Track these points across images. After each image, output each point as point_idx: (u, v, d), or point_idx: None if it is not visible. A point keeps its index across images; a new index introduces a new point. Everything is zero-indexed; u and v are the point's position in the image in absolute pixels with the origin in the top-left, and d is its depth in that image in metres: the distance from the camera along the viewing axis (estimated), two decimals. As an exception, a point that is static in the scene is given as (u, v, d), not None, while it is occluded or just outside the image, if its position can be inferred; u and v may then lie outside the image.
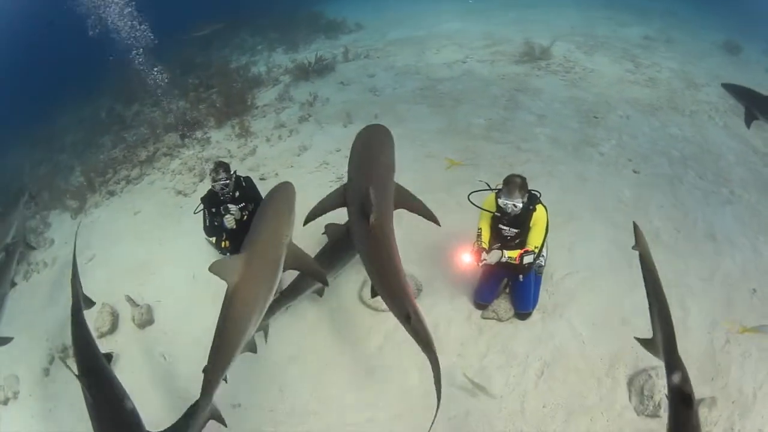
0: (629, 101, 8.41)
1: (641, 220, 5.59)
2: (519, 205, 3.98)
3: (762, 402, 3.94)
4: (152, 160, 8.60)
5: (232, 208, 5.08)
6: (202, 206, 5.26)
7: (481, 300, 4.70)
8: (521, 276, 4.41)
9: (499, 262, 4.11)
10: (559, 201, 5.57)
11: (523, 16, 12.99)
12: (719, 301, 4.73)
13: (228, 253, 5.39)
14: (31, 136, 12.42)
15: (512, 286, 4.64)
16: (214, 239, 5.44)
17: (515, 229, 4.18)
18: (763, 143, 7.25)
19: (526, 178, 4.08)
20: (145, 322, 5.47)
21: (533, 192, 4.14)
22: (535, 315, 4.66)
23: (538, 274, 4.64)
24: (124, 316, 5.62)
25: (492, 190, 4.21)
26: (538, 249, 4.12)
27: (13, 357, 5.83)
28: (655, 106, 8.35)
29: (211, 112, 9.46)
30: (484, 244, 4.21)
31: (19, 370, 5.62)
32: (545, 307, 4.72)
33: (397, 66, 10.40)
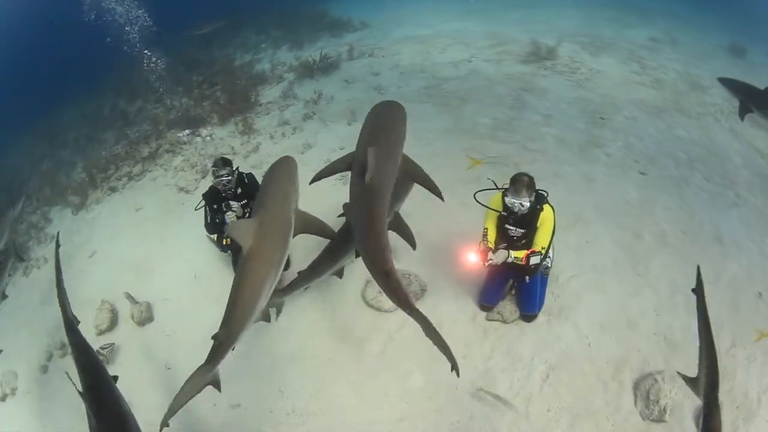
0: (635, 102, 8.37)
1: (648, 222, 5.65)
2: (526, 204, 3.92)
3: (767, 406, 3.91)
4: (154, 157, 8.57)
5: (234, 204, 5.01)
6: (203, 203, 5.19)
7: (486, 301, 4.64)
8: (527, 277, 4.34)
9: (505, 262, 4.05)
10: (566, 202, 5.51)
11: (527, 16, 12.92)
12: (725, 304, 4.68)
13: (229, 251, 5.34)
14: (34, 133, 12.42)
15: (518, 288, 4.58)
16: (215, 237, 5.37)
17: (522, 229, 4.12)
18: (768, 147, 7.23)
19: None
20: (145, 319, 5.42)
21: (540, 191, 4.08)
22: (541, 317, 4.60)
23: (544, 276, 4.57)
24: (124, 313, 5.58)
25: (498, 189, 4.15)
26: (545, 250, 4.05)
27: (12, 353, 5.81)
28: (661, 107, 8.32)
29: (215, 109, 9.42)
30: (490, 244, 4.14)
31: (18, 366, 5.60)
32: (551, 309, 4.66)
33: (403, 65, 10.34)
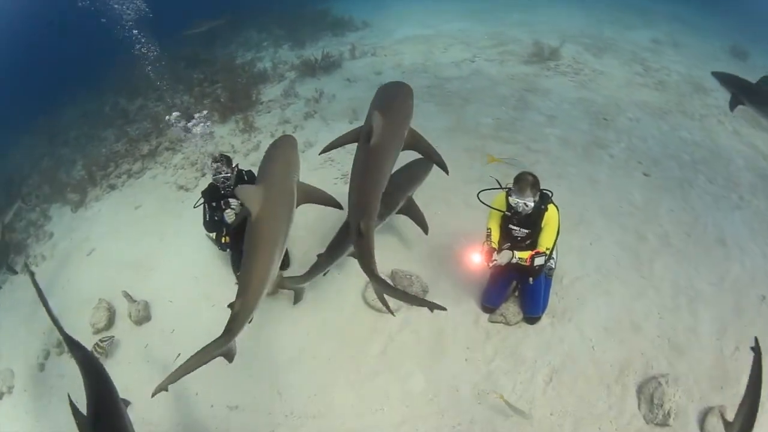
0: (639, 104, 8.32)
1: (651, 224, 5.61)
2: (530, 204, 3.86)
3: (770, 411, 3.84)
4: (154, 154, 8.52)
5: (233, 202, 4.95)
6: (202, 200, 5.13)
7: (489, 303, 4.58)
8: (531, 278, 4.28)
9: (509, 263, 3.99)
10: (569, 203, 5.47)
11: (529, 17, 12.86)
12: (729, 307, 4.65)
13: (228, 250, 5.29)
14: (34, 132, 12.34)
15: (522, 289, 4.52)
16: (214, 235, 5.32)
17: (526, 230, 4.07)
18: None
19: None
20: (142, 318, 5.36)
21: (545, 191, 4.02)
22: (545, 319, 4.54)
23: (548, 277, 4.51)
24: (121, 312, 5.52)
25: (502, 188, 4.09)
26: (549, 250, 3.99)
27: (9, 351, 5.78)
28: (664, 109, 8.27)
29: (216, 107, 9.36)
30: (494, 244, 4.08)
31: (15, 364, 5.57)
32: (554, 311, 4.60)
33: (405, 64, 10.28)
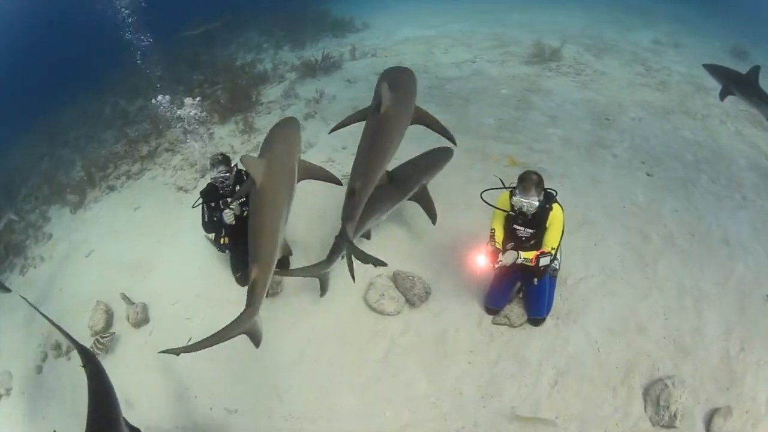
0: (641, 104, 8.29)
1: (655, 224, 5.57)
2: (535, 203, 3.81)
3: (776, 410, 3.82)
4: (153, 156, 8.47)
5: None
6: (200, 200, 5.07)
7: (493, 305, 4.52)
8: (536, 279, 4.22)
9: (514, 264, 3.92)
10: (572, 203, 5.42)
11: (529, 18, 12.90)
12: (734, 307, 4.62)
13: (227, 251, 5.23)
14: (34, 133, 12.33)
15: (526, 291, 4.46)
16: (212, 236, 5.26)
17: (531, 230, 4.01)
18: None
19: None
20: (141, 321, 5.29)
21: (549, 190, 3.97)
22: (549, 321, 4.48)
23: (553, 278, 4.44)
24: (119, 314, 5.45)
25: (506, 188, 4.04)
26: (554, 250, 3.93)
27: (7, 353, 5.73)
28: (666, 109, 8.24)
29: (216, 108, 9.31)
30: (498, 245, 4.03)
31: (12, 367, 5.52)
32: (559, 313, 4.55)
33: (405, 64, 10.17)
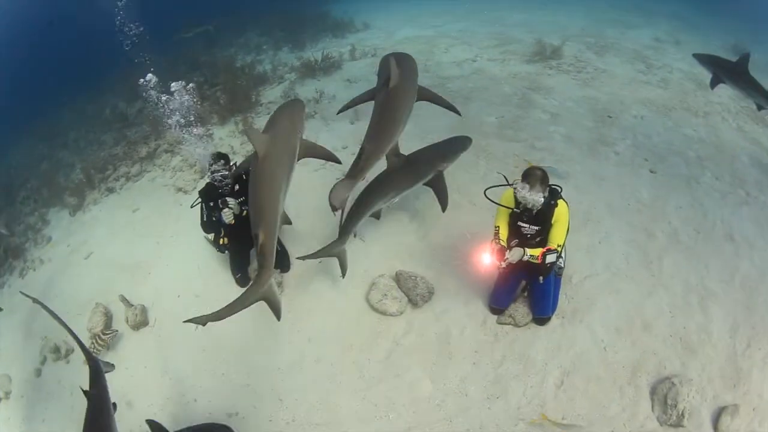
0: (642, 101, 8.25)
1: (660, 221, 5.52)
2: (540, 200, 3.75)
3: (783, 408, 3.77)
4: (153, 157, 8.41)
5: (231, 201, 4.78)
6: (199, 200, 4.99)
7: (497, 304, 4.46)
8: (541, 277, 4.16)
9: (519, 262, 3.86)
10: (576, 201, 5.37)
11: (529, 17, 12.91)
12: (740, 304, 4.57)
13: (227, 252, 5.17)
14: (34, 134, 12.27)
15: (531, 289, 4.40)
16: (212, 236, 5.20)
17: (536, 227, 3.94)
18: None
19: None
20: (140, 323, 5.23)
21: (554, 186, 3.92)
22: (554, 320, 4.42)
23: (558, 276, 4.39)
24: (118, 316, 5.40)
25: (510, 185, 3.97)
26: (561, 247, 3.88)
27: (7, 356, 5.68)
28: (668, 106, 8.20)
29: (215, 109, 9.26)
30: (503, 242, 3.96)
31: (11, 370, 5.47)
32: (564, 312, 4.49)
33: (406, 60, 10.22)
